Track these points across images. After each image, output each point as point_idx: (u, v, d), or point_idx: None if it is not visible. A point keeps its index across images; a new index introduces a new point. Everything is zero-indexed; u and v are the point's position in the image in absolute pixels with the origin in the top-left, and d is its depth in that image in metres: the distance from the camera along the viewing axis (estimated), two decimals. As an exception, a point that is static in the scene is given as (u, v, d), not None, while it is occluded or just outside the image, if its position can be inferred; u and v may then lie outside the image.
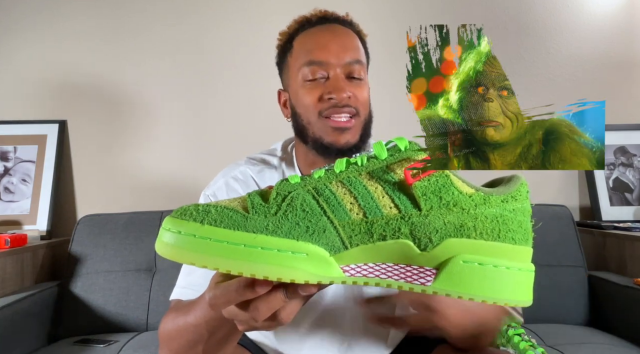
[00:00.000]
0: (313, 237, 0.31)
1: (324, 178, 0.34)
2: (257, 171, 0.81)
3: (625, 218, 1.64)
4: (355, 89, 0.73)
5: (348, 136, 0.72)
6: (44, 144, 1.67)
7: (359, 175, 0.33)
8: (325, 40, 0.74)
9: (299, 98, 0.74)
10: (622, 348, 1.17)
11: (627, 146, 1.71)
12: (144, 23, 1.73)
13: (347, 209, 0.32)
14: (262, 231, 0.31)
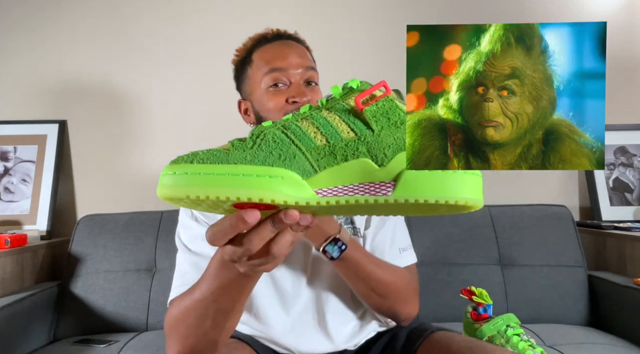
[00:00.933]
0: (285, 163, 0.37)
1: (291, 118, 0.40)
2: None
3: (625, 218, 1.64)
4: (312, 93, 0.83)
5: None
6: (44, 144, 1.67)
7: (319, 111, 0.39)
8: (284, 52, 0.84)
9: (264, 103, 0.84)
10: (622, 348, 1.17)
11: (627, 146, 1.71)
12: (144, 23, 1.73)
13: (312, 137, 0.38)
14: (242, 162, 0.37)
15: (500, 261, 1.46)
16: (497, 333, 1.12)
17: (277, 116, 0.81)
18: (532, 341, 1.08)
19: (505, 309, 1.39)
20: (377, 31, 1.74)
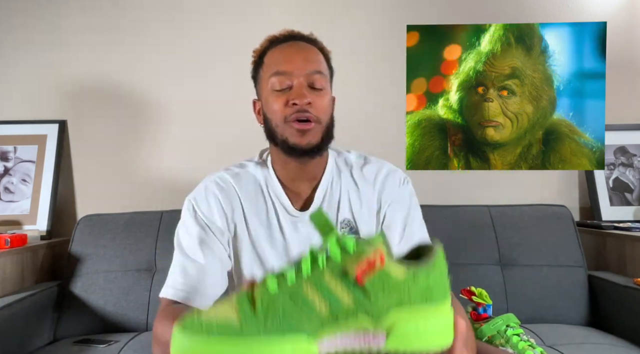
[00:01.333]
0: (293, 329, 0.42)
1: (297, 284, 0.44)
2: (234, 174, 0.90)
3: (625, 218, 1.64)
4: (316, 97, 0.82)
5: (309, 137, 0.82)
6: (44, 144, 1.67)
7: (322, 277, 0.44)
8: (290, 54, 0.84)
9: (269, 105, 0.85)
10: (622, 348, 1.17)
11: (627, 146, 1.71)
12: (145, 23, 1.73)
13: (316, 307, 0.43)
14: (256, 334, 0.41)
15: (500, 261, 1.46)
16: (497, 333, 1.12)
17: (279, 118, 0.82)
18: (532, 341, 1.08)
19: (505, 309, 1.39)
20: (377, 31, 1.74)
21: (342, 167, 0.92)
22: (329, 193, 0.89)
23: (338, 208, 0.88)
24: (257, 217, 0.87)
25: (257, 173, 0.91)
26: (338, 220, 0.87)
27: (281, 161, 0.88)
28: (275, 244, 0.86)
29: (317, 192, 0.88)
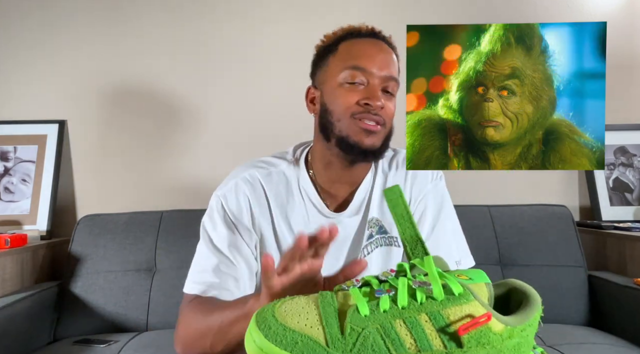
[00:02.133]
0: None
1: (390, 314, 0.42)
2: (265, 174, 0.85)
3: (625, 218, 1.64)
4: (387, 101, 0.79)
5: (374, 139, 0.78)
6: (44, 144, 1.67)
7: (418, 315, 0.41)
8: (372, 52, 0.80)
9: (336, 97, 0.80)
10: (622, 348, 1.17)
11: (627, 146, 1.71)
12: (145, 23, 1.73)
13: (407, 347, 0.41)
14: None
15: (500, 261, 1.46)
16: (497, 333, 1.11)
17: (344, 113, 0.78)
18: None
19: (505, 309, 1.39)
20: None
21: (376, 165, 0.88)
22: (366, 195, 0.86)
23: (369, 208, 0.85)
24: (284, 221, 0.84)
25: (289, 173, 0.86)
26: (367, 219, 0.85)
27: (325, 160, 0.84)
28: None
29: (356, 195, 0.85)
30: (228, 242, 0.80)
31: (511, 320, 0.43)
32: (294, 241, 0.52)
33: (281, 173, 0.86)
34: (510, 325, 0.42)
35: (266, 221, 0.83)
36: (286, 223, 0.83)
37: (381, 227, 0.84)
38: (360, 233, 0.85)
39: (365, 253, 0.84)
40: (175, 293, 1.41)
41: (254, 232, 0.83)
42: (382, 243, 0.84)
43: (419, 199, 0.86)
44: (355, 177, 0.85)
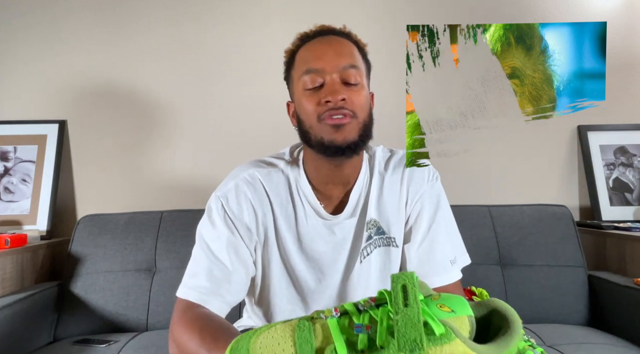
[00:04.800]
0: None
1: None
2: (265, 173, 0.85)
3: (625, 218, 1.64)
4: (351, 93, 0.77)
5: (345, 133, 0.76)
6: (44, 144, 1.67)
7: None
8: (321, 50, 0.79)
9: (302, 106, 0.79)
10: (622, 348, 1.17)
11: (627, 146, 1.71)
12: (144, 23, 1.73)
13: None
14: None
15: (500, 261, 1.46)
16: (497, 333, 1.11)
17: (312, 118, 0.77)
18: (532, 341, 1.08)
19: (505, 309, 1.39)
20: (378, 31, 1.74)
21: (372, 166, 0.88)
22: (362, 196, 0.85)
23: (366, 209, 0.85)
24: (286, 223, 0.83)
25: (288, 173, 0.86)
26: (365, 221, 0.84)
27: (315, 163, 0.84)
28: (303, 250, 0.83)
29: (351, 196, 0.84)
30: (227, 244, 0.79)
31: (490, 350, 0.42)
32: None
33: (280, 173, 0.86)
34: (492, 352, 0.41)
35: (270, 224, 0.83)
36: (287, 223, 0.83)
37: (379, 228, 0.84)
38: (358, 235, 0.85)
39: (364, 255, 0.84)
40: (175, 293, 1.40)
41: (255, 233, 0.82)
42: (381, 244, 0.84)
43: (415, 200, 0.85)
44: (346, 177, 0.85)
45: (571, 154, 1.74)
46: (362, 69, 0.81)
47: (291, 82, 0.84)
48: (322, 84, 0.77)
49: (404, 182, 0.86)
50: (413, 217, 0.85)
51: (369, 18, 1.75)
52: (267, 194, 0.84)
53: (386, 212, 0.85)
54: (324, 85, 0.77)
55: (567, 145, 1.74)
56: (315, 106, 0.77)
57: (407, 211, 0.86)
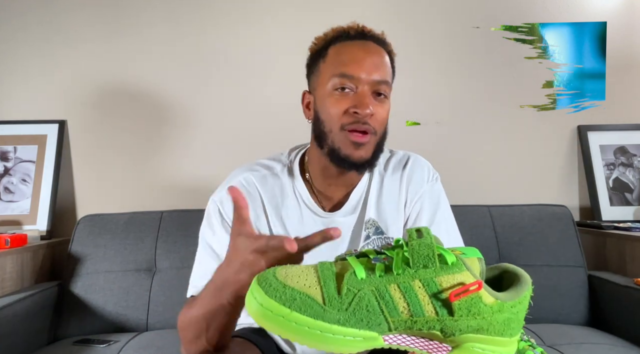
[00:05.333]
0: (371, 328, 0.43)
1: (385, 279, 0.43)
2: (260, 177, 0.85)
3: (625, 218, 1.64)
4: (378, 107, 0.77)
5: (362, 152, 0.77)
6: (44, 144, 1.67)
7: (412, 281, 0.43)
8: (360, 56, 0.77)
9: (326, 106, 0.78)
10: (622, 348, 1.17)
11: (627, 146, 1.71)
12: (144, 23, 1.73)
13: (400, 310, 0.43)
14: (335, 323, 0.42)
15: (500, 261, 1.46)
16: (497, 333, 1.11)
17: (335, 124, 0.77)
18: (532, 341, 1.08)
19: (505, 309, 1.39)
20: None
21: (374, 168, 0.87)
22: (362, 195, 0.85)
23: (365, 208, 0.84)
24: (279, 223, 0.83)
25: (284, 176, 0.86)
26: (364, 220, 0.84)
27: (321, 165, 0.83)
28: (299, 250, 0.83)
29: (351, 196, 0.84)
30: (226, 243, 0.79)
31: (502, 295, 0.45)
32: (282, 241, 0.51)
33: (276, 176, 0.85)
34: (501, 299, 0.45)
35: (262, 225, 0.83)
36: (281, 225, 0.83)
37: (377, 228, 0.84)
38: (357, 234, 0.84)
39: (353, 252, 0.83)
40: (175, 293, 1.41)
41: None
42: (379, 244, 0.84)
43: (414, 201, 0.85)
44: (351, 180, 0.85)
45: (571, 154, 1.74)
46: (391, 83, 0.81)
47: (316, 74, 0.82)
48: (352, 90, 0.77)
49: (403, 182, 0.86)
50: (412, 217, 0.84)
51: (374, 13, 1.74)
52: (261, 197, 0.84)
53: (385, 212, 0.84)
54: (355, 92, 0.76)
55: (567, 145, 1.74)
56: (341, 111, 0.76)
57: (407, 212, 0.85)
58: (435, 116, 1.74)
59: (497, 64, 1.74)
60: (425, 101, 1.74)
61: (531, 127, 1.74)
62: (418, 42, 1.74)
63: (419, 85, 1.74)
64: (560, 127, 1.74)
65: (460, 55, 1.75)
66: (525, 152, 1.73)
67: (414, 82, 1.73)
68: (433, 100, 1.74)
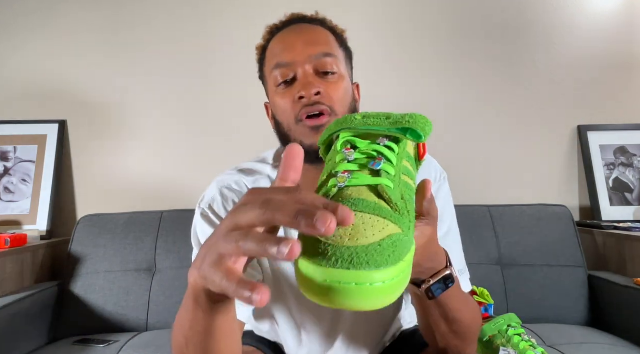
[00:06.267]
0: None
1: (398, 169, 0.44)
2: (252, 181, 0.79)
3: (625, 218, 1.64)
4: (328, 85, 0.70)
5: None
6: (44, 144, 1.67)
7: (403, 162, 0.45)
8: (290, 41, 0.72)
9: (277, 106, 0.73)
10: (622, 348, 1.17)
11: (627, 146, 1.71)
12: (144, 23, 1.73)
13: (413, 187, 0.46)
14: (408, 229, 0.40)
15: (500, 261, 1.46)
16: (498, 333, 1.12)
17: (289, 118, 0.70)
18: (533, 341, 1.08)
19: (505, 309, 1.39)
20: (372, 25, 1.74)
21: None
22: None
23: None
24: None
25: (273, 177, 0.80)
26: None
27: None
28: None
29: None
30: None
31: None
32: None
33: (267, 178, 0.80)
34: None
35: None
36: None
37: None
38: None
39: None
40: (175, 293, 1.41)
41: None
42: None
43: None
44: None
45: (571, 154, 1.74)
46: (341, 57, 0.74)
47: (265, 81, 0.78)
48: (295, 78, 0.70)
49: None
50: None
51: (368, 14, 1.74)
52: None
53: None
54: (297, 80, 0.70)
55: (567, 145, 1.74)
56: (290, 104, 0.70)
57: None
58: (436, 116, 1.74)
59: (497, 63, 1.75)
60: (426, 101, 1.74)
61: (531, 127, 1.74)
62: (418, 42, 1.74)
63: (419, 85, 1.74)
64: (560, 127, 1.74)
65: (461, 55, 1.75)
66: (525, 152, 1.73)
67: (414, 82, 1.73)
68: (433, 100, 1.74)
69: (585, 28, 1.75)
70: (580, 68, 1.74)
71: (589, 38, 1.75)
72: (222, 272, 0.34)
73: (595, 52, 1.74)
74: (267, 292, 0.31)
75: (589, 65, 1.74)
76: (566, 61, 1.75)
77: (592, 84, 1.74)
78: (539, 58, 1.75)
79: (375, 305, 0.32)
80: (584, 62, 1.74)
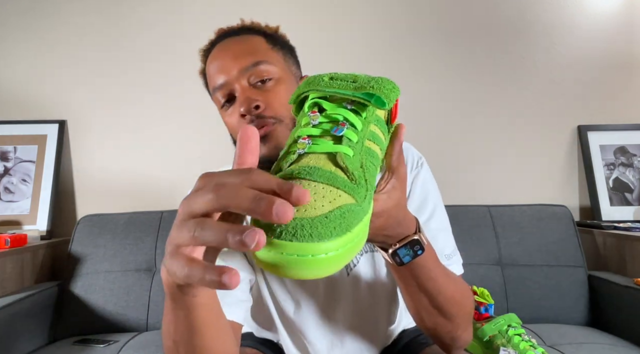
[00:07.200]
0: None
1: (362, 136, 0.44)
2: None
3: (625, 218, 1.64)
4: (267, 94, 0.69)
5: (273, 142, 0.68)
6: (44, 144, 1.67)
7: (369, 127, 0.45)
8: (220, 60, 0.72)
9: (227, 125, 0.74)
10: (622, 348, 1.17)
11: (627, 146, 1.71)
12: (144, 24, 1.73)
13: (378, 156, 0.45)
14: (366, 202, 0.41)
15: (500, 261, 1.46)
16: (498, 333, 1.12)
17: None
18: (533, 341, 1.08)
19: (505, 309, 1.39)
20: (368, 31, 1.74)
21: None
22: None
23: None
24: None
25: None
26: None
27: None
28: None
29: None
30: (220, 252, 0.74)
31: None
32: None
33: None
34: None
35: None
36: None
37: None
38: None
39: (351, 265, 0.77)
40: (175, 293, 1.41)
41: None
42: (367, 250, 0.77)
43: None
44: None
45: (571, 154, 1.74)
46: (276, 59, 0.72)
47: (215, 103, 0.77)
48: (234, 96, 0.70)
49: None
50: None
51: (360, 14, 1.74)
52: None
53: None
54: (236, 98, 0.70)
55: (567, 145, 1.74)
56: (235, 122, 0.70)
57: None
58: (435, 116, 1.74)
59: (497, 63, 1.75)
60: (425, 100, 1.74)
61: (531, 127, 1.74)
62: (418, 42, 1.74)
63: (419, 85, 1.74)
64: (560, 127, 1.74)
65: (461, 55, 1.75)
66: (525, 152, 1.73)
67: (414, 83, 1.73)
68: (433, 100, 1.74)
69: (585, 28, 1.75)
70: (580, 68, 1.74)
71: (589, 38, 1.75)
72: (182, 262, 0.32)
73: (595, 52, 1.74)
74: (236, 274, 0.29)
75: (589, 65, 1.74)
76: (566, 61, 1.75)
77: (592, 84, 1.74)
78: (539, 58, 1.75)
79: (319, 275, 0.33)
80: (584, 62, 1.74)
